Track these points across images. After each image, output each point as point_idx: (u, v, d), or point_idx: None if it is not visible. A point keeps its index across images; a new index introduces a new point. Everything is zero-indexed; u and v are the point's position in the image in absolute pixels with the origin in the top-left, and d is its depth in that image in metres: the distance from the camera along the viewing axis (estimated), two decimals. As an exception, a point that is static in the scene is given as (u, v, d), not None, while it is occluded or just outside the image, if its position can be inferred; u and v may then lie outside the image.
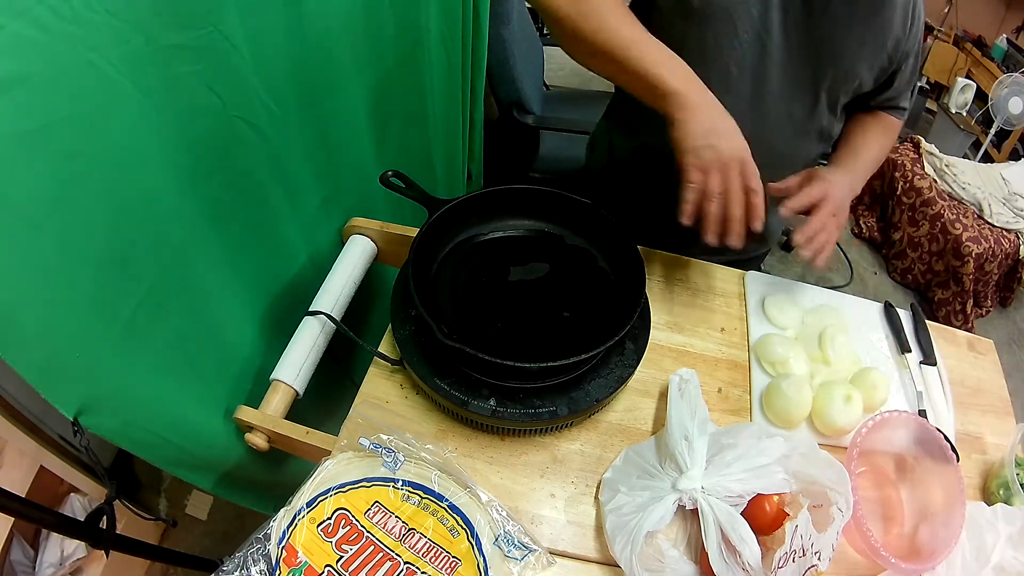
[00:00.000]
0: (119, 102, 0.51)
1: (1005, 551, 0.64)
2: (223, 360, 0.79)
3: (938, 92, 3.54)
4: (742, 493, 0.61)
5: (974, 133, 3.00)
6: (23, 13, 0.41)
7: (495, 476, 0.68)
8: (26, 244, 0.47)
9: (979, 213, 2.34)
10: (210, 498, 1.47)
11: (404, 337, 0.73)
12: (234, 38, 0.62)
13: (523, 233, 0.86)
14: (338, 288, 0.85)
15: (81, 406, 0.58)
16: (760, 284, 0.91)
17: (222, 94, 0.64)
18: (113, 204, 0.54)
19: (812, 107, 0.86)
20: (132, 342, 0.61)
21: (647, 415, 0.75)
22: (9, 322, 0.48)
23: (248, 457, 0.83)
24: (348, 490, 0.62)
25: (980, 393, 0.87)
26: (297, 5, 0.71)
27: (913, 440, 0.72)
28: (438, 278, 0.79)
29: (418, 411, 0.72)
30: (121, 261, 0.57)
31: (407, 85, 1.05)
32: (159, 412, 0.68)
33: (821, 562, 0.58)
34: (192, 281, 0.68)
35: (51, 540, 1.14)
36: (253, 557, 0.57)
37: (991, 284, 2.33)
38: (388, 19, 0.91)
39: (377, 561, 0.58)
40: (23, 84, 0.43)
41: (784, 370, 0.79)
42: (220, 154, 0.67)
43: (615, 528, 0.61)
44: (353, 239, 0.93)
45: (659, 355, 0.81)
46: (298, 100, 0.77)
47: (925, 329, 0.90)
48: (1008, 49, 3.21)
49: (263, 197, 0.77)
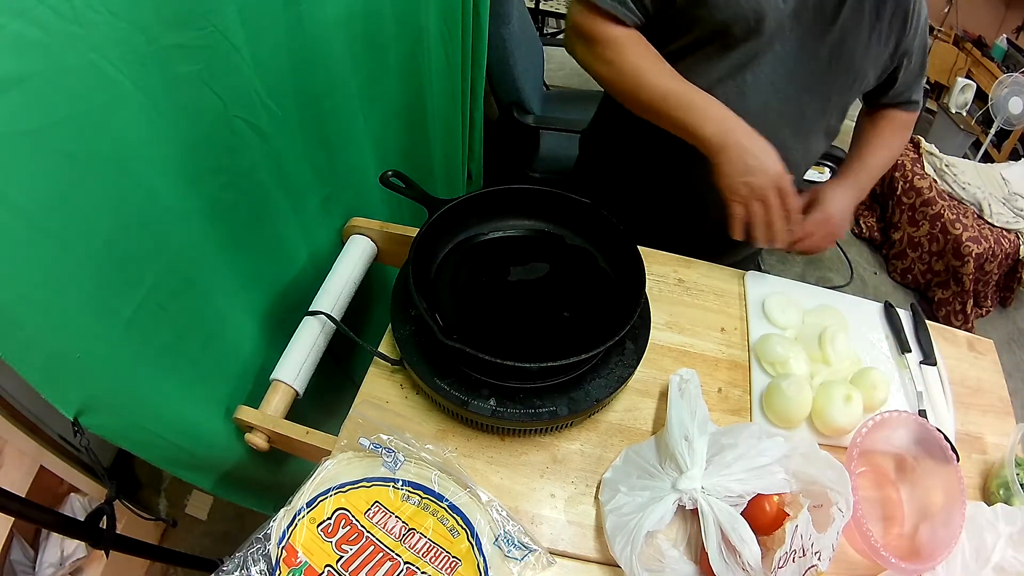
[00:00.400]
0: (120, 102, 0.52)
1: (1005, 551, 0.64)
2: (223, 360, 0.79)
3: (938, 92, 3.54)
4: (742, 493, 0.61)
5: (974, 133, 3.00)
6: (24, 12, 0.41)
7: (495, 476, 0.68)
8: (27, 244, 0.47)
9: (979, 213, 2.34)
10: (210, 498, 1.47)
11: (404, 337, 0.73)
12: (234, 38, 0.62)
13: (523, 233, 0.86)
14: (338, 288, 0.85)
15: (81, 406, 0.58)
16: (760, 284, 0.91)
17: (222, 94, 0.64)
18: (114, 204, 0.54)
19: (823, 109, 0.87)
20: (133, 342, 0.61)
21: (647, 415, 0.75)
22: (9, 322, 0.48)
23: (248, 457, 0.83)
24: (348, 490, 0.62)
25: (980, 393, 0.87)
26: (297, 5, 0.71)
27: (913, 440, 0.72)
28: (438, 278, 0.79)
29: (418, 411, 0.72)
30: (122, 261, 0.57)
31: (407, 85, 1.05)
32: (159, 412, 0.68)
33: (821, 562, 0.58)
34: (192, 281, 0.68)
35: (51, 540, 1.14)
36: (253, 557, 0.57)
37: (991, 284, 2.33)
38: (388, 19, 0.92)
39: (377, 561, 0.58)
40: (24, 84, 0.43)
41: (784, 370, 0.79)
42: (220, 154, 0.68)
43: (615, 528, 0.61)
44: (353, 239, 0.93)
45: (659, 355, 0.81)
46: (298, 100, 0.77)
47: (925, 329, 0.90)
48: (1008, 49, 3.21)
49: (263, 197, 0.77)
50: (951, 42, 3.44)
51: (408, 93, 1.07)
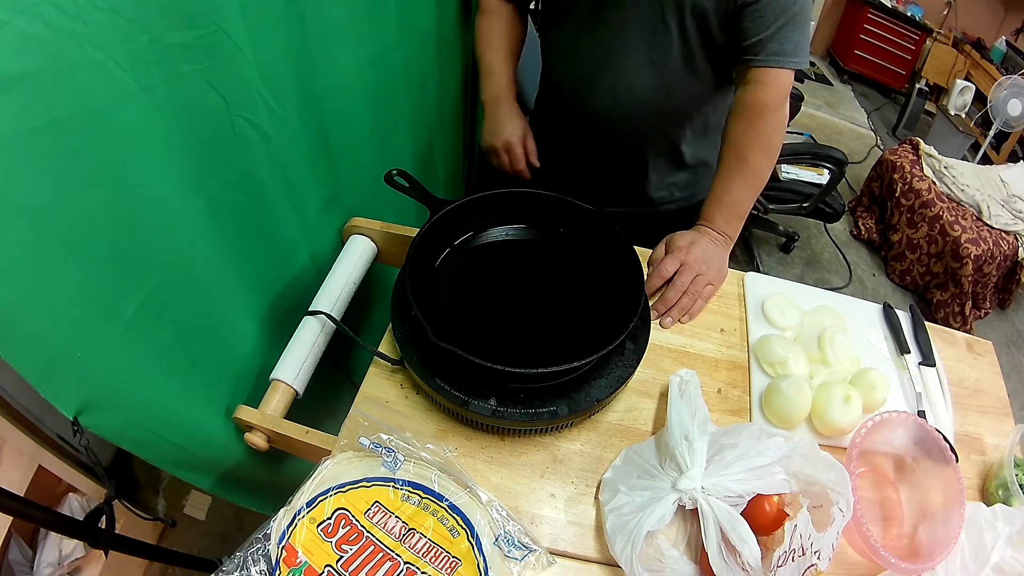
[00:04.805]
0: (123, 101, 0.51)
1: (1004, 551, 0.64)
2: (223, 360, 0.79)
3: (937, 94, 3.55)
4: (742, 493, 0.61)
5: (973, 135, 3.01)
6: (27, 10, 0.41)
7: (495, 476, 0.68)
8: (28, 243, 0.47)
9: (978, 215, 2.35)
10: (208, 498, 1.47)
11: (404, 337, 0.73)
12: (237, 38, 0.62)
13: (524, 235, 0.86)
14: (338, 288, 0.85)
15: (81, 405, 0.58)
16: (759, 285, 0.92)
17: (225, 93, 0.64)
18: (116, 203, 0.54)
19: (668, 47, 0.87)
20: (133, 342, 0.61)
21: (647, 415, 0.75)
22: (9, 322, 0.48)
23: (248, 457, 0.83)
24: (348, 490, 0.62)
25: (979, 394, 0.87)
26: (299, 5, 0.71)
27: (912, 441, 0.72)
28: (438, 279, 0.79)
29: (418, 411, 0.72)
30: (123, 260, 0.57)
31: (408, 85, 1.05)
32: (159, 412, 0.68)
33: (821, 561, 0.58)
34: (193, 281, 0.68)
35: (49, 540, 1.14)
36: (253, 557, 0.57)
37: (990, 286, 2.34)
38: (389, 19, 0.92)
39: (377, 561, 0.58)
40: (27, 82, 0.43)
41: (783, 371, 0.80)
42: (222, 153, 0.67)
43: (615, 528, 0.61)
44: (353, 239, 0.93)
45: (659, 355, 0.81)
46: (300, 100, 0.77)
47: (924, 330, 0.90)
48: (1007, 51, 3.23)
49: (265, 197, 0.77)
50: (950, 44, 3.45)
51: (410, 93, 1.07)
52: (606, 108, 0.97)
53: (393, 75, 0.99)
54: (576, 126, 1.05)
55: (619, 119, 0.98)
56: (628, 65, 0.92)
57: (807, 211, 2.21)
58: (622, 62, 0.92)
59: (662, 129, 1.00)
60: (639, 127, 0.99)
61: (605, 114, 0.98)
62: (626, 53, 0.91)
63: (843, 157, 1.97)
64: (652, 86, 0.92)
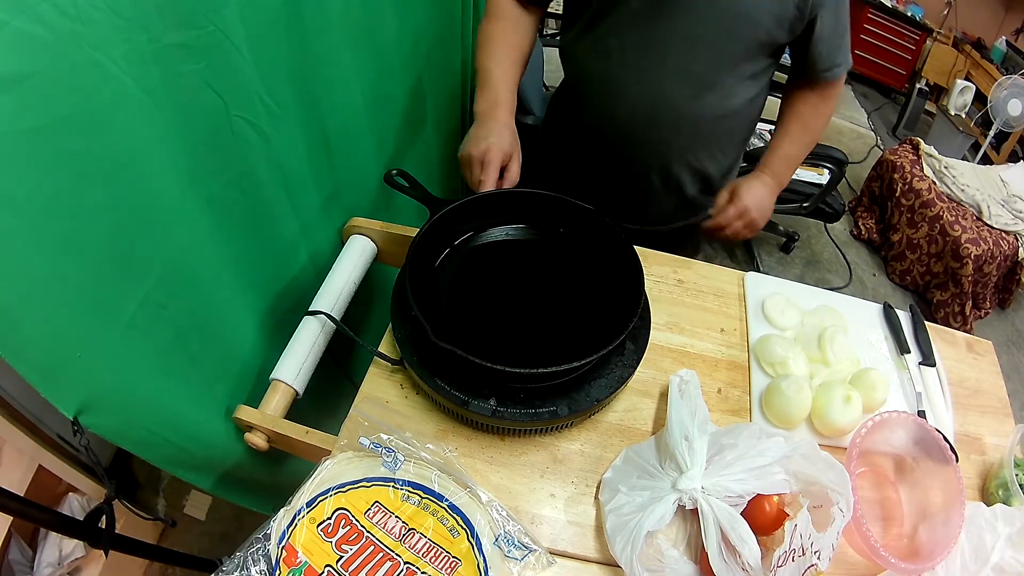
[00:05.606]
0: (122, 101, 0.51)
1: (1004, 551, 0.64)
2: (223, 360, 0.79)
3: (937, 94, 3.55)
4: (742, 493, 0.61)
5: (973, 135, 3.01)
6: (26, 10, 0.41)
7: (495, 476, 0.68)
8: (27, 243, 0.47)
9: (978, 215, 2.34)
10: (208, 498, 1.47)
11: (404, 337, 0.73)
12: (235, 37, 0.62)
13: (524, 235, 0.86)
14: (338, 288, 0.85)
15: (81, 405, 0.58)
16: (759, 285, 0.92)
17: (223, 93, 0.64)
18: (114, 203, 0.54)
19: (713, 63, 0.88)
20: (133, 342, 0.61)
21: (647, 415, 0.75)
22: (9, 322, 0.48)
23: (248, 457, 0.83)
24: (348, 490, 0.62)
25: (979, 394, 0.87)
26: (297, 5, 0.71)
27: (912, 441, 0.72)
28: (438, 279, 0.79)
29: (418, 411, 0.72)
30: (123, 260, 0.57)
31: (407, 85, 1.05)
32: (159, 411, 0.68)
33: (821, 561, 0.58)
34: (193, 280, 0.68)
35: (49, 539, 1.14)
36: (253, 557, 0.57)
37: (990, 286, 2.33)
38: (388, 19, 0.92)
39: (377, 561, 0.58)
40: (26, 82, 0.43)
41: (784, 371, 0.80)
42: (221, 153, 0.67)
43: (615, 528, 0.61)
44: (353, 239, 0.93)
45: (659, 355, 0.81)
46: (298, 100, 0.77)
47: (924, 330, 0.90)
48: (1007, 51, 3.22)
49: (264, 196, 0.77)
50: (950, 44, 3.45)
51: (408, 93, 1.07)
52: (636, 119, 0.93)
53: (392, 75, 0.99)
54: (596, 140, 1.00)
55: (646, 129, 0.94)
56: (668, 73, 0.88)
57: (807, 211, 2.21)
58: (663, 69, 0.88)
59: (690, 144, 0.97)
60: (666, 139, 0.95)
61: (631, 123, 0.94)
62: (667, 60, 0.87)
63: (843, 157, 1.97)
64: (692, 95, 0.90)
